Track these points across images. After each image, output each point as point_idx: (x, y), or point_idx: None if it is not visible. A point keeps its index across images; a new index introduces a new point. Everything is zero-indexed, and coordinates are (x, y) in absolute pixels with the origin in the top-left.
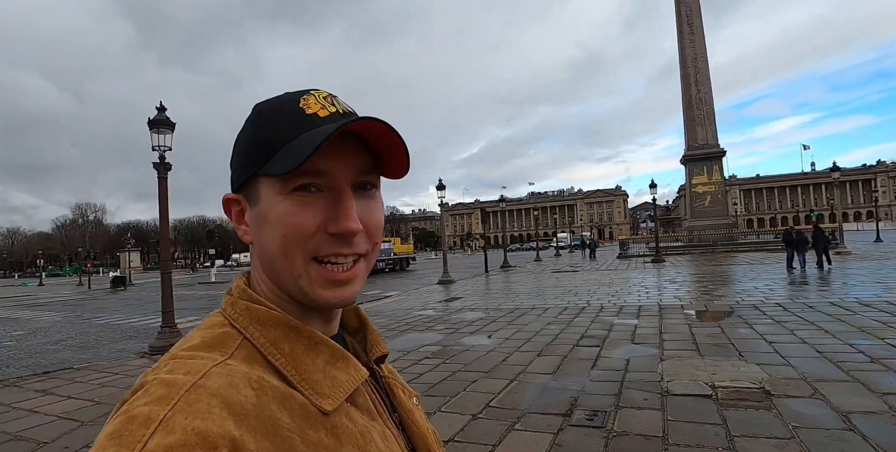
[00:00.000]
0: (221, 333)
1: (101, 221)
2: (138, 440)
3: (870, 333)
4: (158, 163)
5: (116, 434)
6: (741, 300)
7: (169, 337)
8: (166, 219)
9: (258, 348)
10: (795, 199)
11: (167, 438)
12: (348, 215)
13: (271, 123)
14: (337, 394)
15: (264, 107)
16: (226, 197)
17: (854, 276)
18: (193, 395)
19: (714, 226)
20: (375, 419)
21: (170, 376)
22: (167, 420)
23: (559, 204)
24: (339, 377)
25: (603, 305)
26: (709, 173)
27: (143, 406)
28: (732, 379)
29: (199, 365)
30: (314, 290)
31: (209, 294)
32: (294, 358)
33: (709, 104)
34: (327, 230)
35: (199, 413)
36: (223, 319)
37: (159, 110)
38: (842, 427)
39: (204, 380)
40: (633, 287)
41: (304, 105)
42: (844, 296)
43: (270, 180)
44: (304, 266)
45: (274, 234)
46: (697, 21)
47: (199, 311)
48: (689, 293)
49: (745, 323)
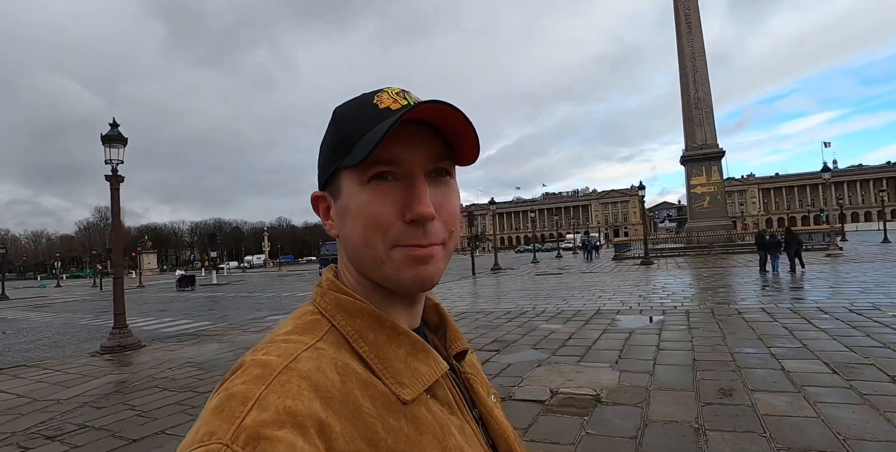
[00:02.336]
0: (312, 320)
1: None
2: (237, 415)
3: (765, 340)
4: (111, 176)
5: (219, 408)
6: (679, 306)
7: (119, 338)
8: (119, 227)
9: (344, 335)
10: (816, 198)
11: (262, 414)
12: (421, 200)
13: (348, 121)
14: (416, 385)
15: (343, 108)
16: (314, 195)
17: (820, 280)
18: (285, 376)
19: (713, 227)
20: (455, 413)
21: (265, 357)
22: (262, 398)
23: (573, 204)
24: (419, 368)
25: (546, 309)
26: (708, 173)
27: (242, 384)
28: (578, 386)
29: (290, 349)
30: (398, 272)
31: (211, 296)
32: (377, 347)
33: (707, 104)
34: (404, 219)
35: (291, 393)
36: (314, 308)
37: (112, 126)
38: (630, 436)
39: (295, 363)
40: (594, 291)
41: (378, 101)
42: (785, 301)
43: (349, 173)
44: (385, 252)
45: (356, 224)
46: (695, 20)
47: (188, 312)
48: (641, 298)
49: (656, 330)
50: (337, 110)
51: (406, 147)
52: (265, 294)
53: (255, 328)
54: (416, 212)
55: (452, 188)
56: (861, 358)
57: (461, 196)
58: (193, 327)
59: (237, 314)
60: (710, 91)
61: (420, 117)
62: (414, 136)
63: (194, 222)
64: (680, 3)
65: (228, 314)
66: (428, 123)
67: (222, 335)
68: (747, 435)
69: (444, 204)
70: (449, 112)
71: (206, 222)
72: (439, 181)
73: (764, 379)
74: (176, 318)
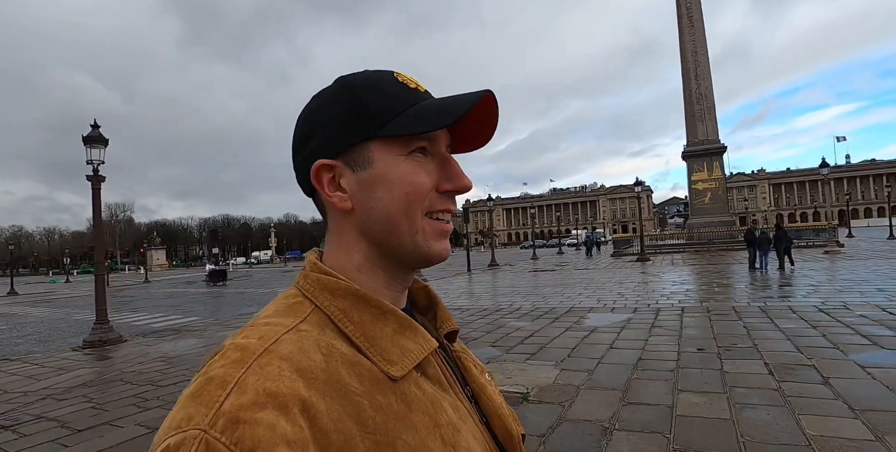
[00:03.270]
0: (294, 302)
1: (132, 219)
2: (216, 400)
3: (718, 340)
4: (92, 176)
5: (196, 393)
6: (652, 304)
7: (100, 333)
8: (100, 226)
9: (329, 316)
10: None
11: (241, 398)
12: (462, 174)
13: (379, 92)
14: (405, 362)
15: (361, 79)
16: (319, 163)
17: (805, 278)
18: (265, 359)
19: (714, 223)
20: (447, 390)
21: (244, 341)
22: (241, 381)
23: (581, 200)
24: (407, 345)
25: (522, 306)
26: (709, 169)
27: (220, 368)
28: (514, 384)
29: (271, 332)
30: (428, 243)
31: (210, 292)
32: (363, 326)
33: (709, 99)
34: (439, 189)
35: (271, 375)
36: (296, 291)
37: (93, 127)
38: (539, 435)
39: (275, 346)
40: (577, 288)
41: (401, 79)
42: (759, 300)
43: (387, 143)
44: (421, 222)
45: (395, 194)
46: (697, 14)
47: (182, 308)
48: (619, 295)
49: (618, 329)
50: (353, 80)
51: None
52: (262, 290)
53: (238, 324)
54: (458, 184)
55: None
56: (804, 359)
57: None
58: (181, 322)
59: (228, 309)
60: (712, 86)
61: (480, 107)
62: None
63: (203, 217)
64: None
65: (220, 309)
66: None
67: (203, 331)
68: (651, 436)
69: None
70: (494, 105)
71: (214, 218)
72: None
73: (697, 380)
74: (168, 313)
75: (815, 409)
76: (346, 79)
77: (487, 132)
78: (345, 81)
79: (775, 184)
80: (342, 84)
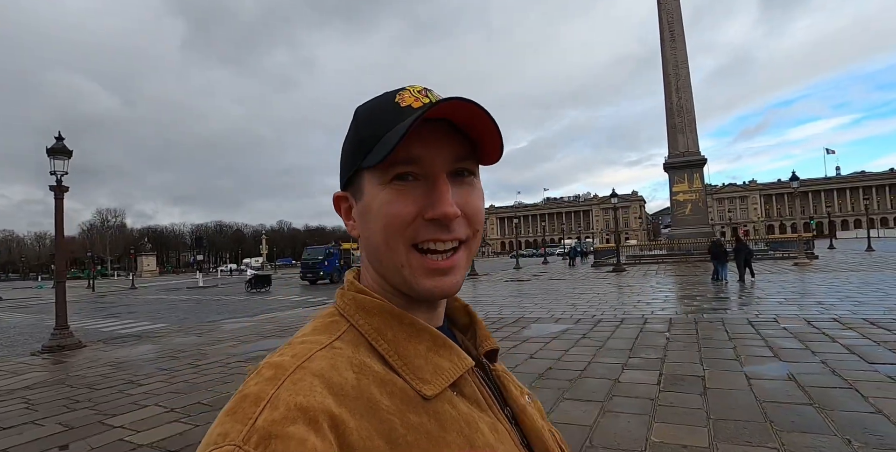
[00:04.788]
0: (331, 321)
1: (124, 225)
2: (250, 416)
3: (634, 351)
4: (55, 186)
5: (232, 411)
6: (597, 314)
7: (59, 339)
8: (62, 235)
9: (363, 334)
10: (819, 204)
11: (274, 413)
12: (443, 199)
13: (369, 120)
14: (438, 380)
15: (363, 107)
16: (336, 195)
17: (758, 291)
18: (298, 375)
19: (694, 234)
20: (485, 410)
21: (279, 358)
22: (274, 397)
23: (575, 209)
24: (441, 364)
25: None
26: (689, 180)
27: (255, 385)
28: None
29: (305, 349)
30: (416, 279)
31: (188, 299)
32: (396, 344)
33: (690, 112)
34: (425, 217)
35: (302, 391)
36: (334, 310)
37: (57, 139)
38: None
39: (308, 363)
40: (537, 299)
41: (399, 99)
42: (698, 312)
43: (371, 173)
44: (405, 255)
45: (376, 225)
46: (679, 28)
47: (153, 315)
48: (571, 306)
49: (549, 339)
50: (359, 110)
51: (428, 147)
52: (240, 298)
53: (199, 331)
54: (438, 211)
55: (476, 188)
56: (699, 370)
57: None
58: (148, 329)
59: (197, 316)
60: (693, 99)
61: (442, 115)
62: (436, 135)
63: (195, 224)
64: (663, 12)
65: (189, 316)
66: (450, 122)
67: (163, 337)
68: None
69: (467, 203)
70: (471, 109)
71: (206, 224)
72: (462, 181)
73: (586, 389)
74: (139, 320)
75: (675, 418)
76: (357, 109)
77: (490, 140)
78: (356, 110)
79: (766, 195)
80: (354, 114)
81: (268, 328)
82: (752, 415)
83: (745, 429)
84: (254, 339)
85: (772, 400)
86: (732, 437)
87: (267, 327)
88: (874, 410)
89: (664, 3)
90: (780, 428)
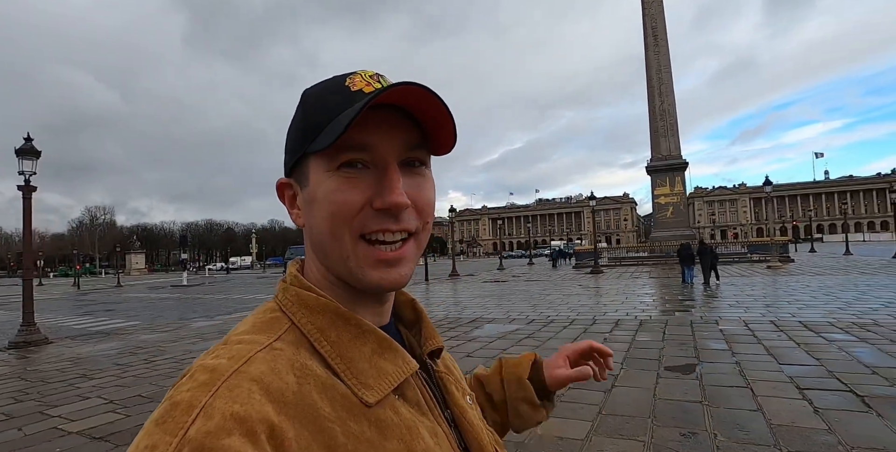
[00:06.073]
0: (271, 318)
1: (114, 222)
2: (181, 426)
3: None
4: (24, 186)
5: (161, 420)
6: (553, 315)
7: (26, 335)
8: (30, 234)
9: (305, 334)
10: (808, 207)
11: (208, 423)
12: (393, 188)
13: (318, 104)
14: (382, 386)
15: (312, 91)
16: (279, 182)
17: (721, 293)
18: (234, 380)
19: (675, 237)
20: (425, 414)
21: (214, 361)
22: (208, 405)
23: (566, 211)
24: (385, 367)
25: (436, 315)
26: (671, 184)
27: (187, 392)
28: None
29: (243, 350)
30: (363, 270)
31: (168, 297)
32: (340, 346)
33: (672, 116)
34: (373, 206)
35: (239, 398)
36: (275, 304)
37: (26, 140)
38: None
39: (246, 366)
40: (503, 300)
41: (350, 83)
42: (646, 314)
43: (317, 159)
44: (352, 246)
45: (322, 213)
46: (662, 33)
47: (130, 313)
48: (532, 307)
49: (493, 339)
50: (306, 92)
51: (378, 134)
52: (219, 297)
53: (166, 329)
54: (387, 201)
55: (427, 179)
56: (617, 369)
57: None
58: (118, 326)
59: (171, 314)
60: (675, 103)
61: (393, 101)
62: (388, 122)
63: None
64: (647, 17)
65: (163, 314)
66: (403, 109)
67: (129, 335)
68: None
69: (418, 195)
70: (423, 95)
71: (197, 222)
72: (413, 172)
73: None
74: (112, 317)
75: (568, 413)
76: (305, 92)
77: (444, 128)
78: (303, 94)
79: (755, 198)
80: (301, 97)
81: (234, 326)
82: (641, 411)
83: (627, 424)
84: (216, 336)
85: (668, 398)
86: (610, 431)
87: (234, 325)
88: (756, 408)
89: (648, 8)
90: (658, 424)
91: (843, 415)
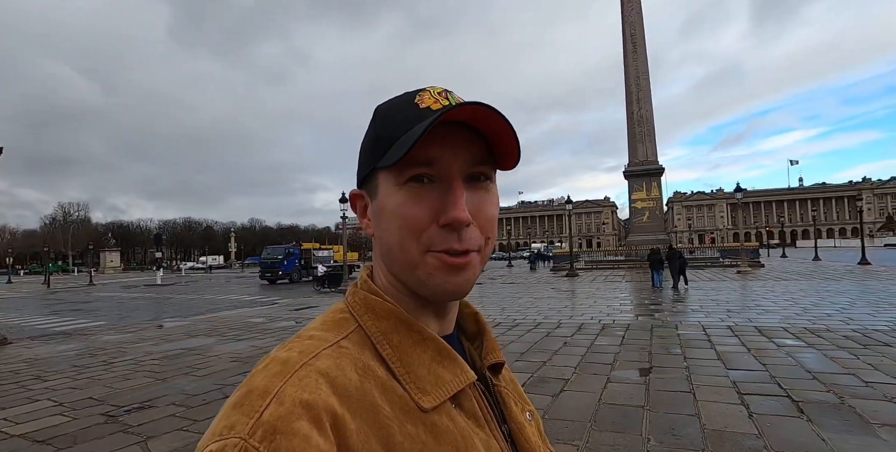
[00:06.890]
0: (340, 318)
1: (88, 219)
2: (256, 410)
3: (512, 354)
4: None
5: (238, 404)
6: (517, 318)
7: None
8: None
9: (369, 336)
10: (782, 213)
11: (279, 408)
12: (456, 204)
13: (388, 120)
14: (439, 392)
15: (382, 107)
16: (351, 193)
17: (686, 297)
18: (304, 371)
19: (651, 241)
20: (482, 426)
21: (286, 354)
22: (280, 392)
23: (548, 214)
24: (443, 375)
25: None
26: (647, 189)
27: (262, 380)
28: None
29: (312, 345)
30: (430, 277)
31: (141, 297)
32: (401, 351)
33: (649, 122)
34: (438, 222)
35: (308, 387)
36: (344, 306)
37: None
38: None
39: (314, 360)
40: (474, 301)
41: (419, 100)
42: (609, 318)
43: (387, 173)
44: (420, 257)
45: (391, 225)
46: (641, 41)
47: (98, 313)
48: (500, 309)
49: None
50: (378, 109)
51: (445, 149)
52: (192, 297)
53: (131, 329)
54: (450, 217)
55: (492, 194)
56: (569, 373)
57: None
58: (81, 326)
59: (139, 315)
60: (653, 109)
61: (460, 118)
62: (454, 138)
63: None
64: (626, 24)
65: (131, 315)
66: (469, 126)
67: (91, 335)
68: None
69: (481, 210)
70: (489, 114)
71: (175, 220)
72: (478, 186)
73: None
74: (78, 317)
75: None
76: (377, 107)
77: (509, 145)
78: (375, 110)
79: (732, 204)
80: (373, 113)
81: (201, 327)
82: (584, 416)
83: (566, 428)
84: (180, 338)
85: (612, 402)
86: (548, 435)
87: (200, 326)
88: (694, 413)
89: (627, 16)
90: (597, 428)
91: (776, 420)
